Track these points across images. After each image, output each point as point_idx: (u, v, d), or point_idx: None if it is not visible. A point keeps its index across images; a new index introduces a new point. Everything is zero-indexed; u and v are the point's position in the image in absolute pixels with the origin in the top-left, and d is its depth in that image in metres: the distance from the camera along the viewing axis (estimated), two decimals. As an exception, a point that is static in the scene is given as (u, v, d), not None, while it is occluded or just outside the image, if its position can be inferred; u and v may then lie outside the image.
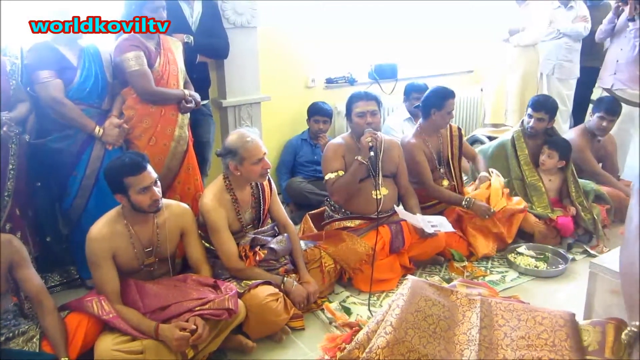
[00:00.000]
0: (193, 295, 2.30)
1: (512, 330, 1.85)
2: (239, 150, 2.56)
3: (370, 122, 2.99)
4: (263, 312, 2.39)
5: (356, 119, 3.02)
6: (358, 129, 3.02)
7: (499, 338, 1.85)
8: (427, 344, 1.87)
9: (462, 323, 1.92)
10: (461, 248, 3.26)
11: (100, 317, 2.15)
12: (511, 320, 1.88)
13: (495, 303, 1.96)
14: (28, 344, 2.07)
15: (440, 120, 3.37)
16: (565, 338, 1.77)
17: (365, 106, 3.01)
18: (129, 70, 2.79)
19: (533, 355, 1.76)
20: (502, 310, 1.93)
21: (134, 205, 2.28)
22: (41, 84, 2.66)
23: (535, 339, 1.80)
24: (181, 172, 3.04)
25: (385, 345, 1.86)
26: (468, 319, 1.93)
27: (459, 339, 1.89)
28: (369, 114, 3.00)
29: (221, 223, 2.57)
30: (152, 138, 2.90)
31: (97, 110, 2.82)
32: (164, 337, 2.13)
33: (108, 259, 2.27)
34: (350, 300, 2.85)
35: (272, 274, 2.62)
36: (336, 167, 3.04)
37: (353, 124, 3.07)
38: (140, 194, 2.25)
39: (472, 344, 1.83)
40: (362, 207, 3.08)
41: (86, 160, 2.80)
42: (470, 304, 1.97)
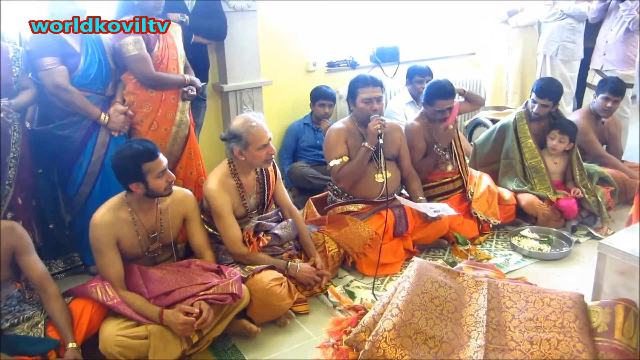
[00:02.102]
0: (197, 280, 2.30)
1: (519, 312, 1.85)
2: (243, 135, 2.54)
3: (376, 108, 2.96)
4: (267, 296, 2.39)
5: (362, 104, 2.97)
6: (363, 115, 2.99)
7: (507, 320, 1.84)
8: (434, 326, 1.87)
9: (469, 305, 1.92)
10: (465, 231, 3.25)
11: (104, 303, 2.16)
12: (519, 302, 1.88)
13: (502, 285, 1.96)
14: (33, 330, 2.08)
15: (431, 115, 3.31)
16: (574, 319, 1.76)
17: (372, 92, 2.97)
18: (128, 55, 2.76)
19: (541, 337, 1.75)
20: (509, 292, 1.92)
21: (151, 190, 2.27)
22: (45, 70, 2.63)
23: (544, 320, 1.79)
24: (183, 157, 3.03)
25: (392, 327, 1.86)
26: (475, 300, 1.92)
27: (466, 320, 1.89)
28: (375, 100, 2.96)
29: (226, 208, 2.56)
30: (154, 123, 2.88)
31: (101, 97, 2.80)
32: (168, 322, 2.13)
33: (112, 245, 2.27)
34: (354, 284, 2.85)
35: (277, 259, 2.62)
36: (340, 152, 3.01)
37: (357, 109, 3.02)
38: (159, 178, 2.26)
39: (480, 326, 1.83)
40: (365, 190, 3.07)
41: (92, 147, 2.79)
42: (477, 285, 1.97)
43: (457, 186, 3.42)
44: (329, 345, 2.22)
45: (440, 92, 3.24)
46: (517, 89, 4.94)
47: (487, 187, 3.40)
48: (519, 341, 1.77)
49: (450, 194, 3.40)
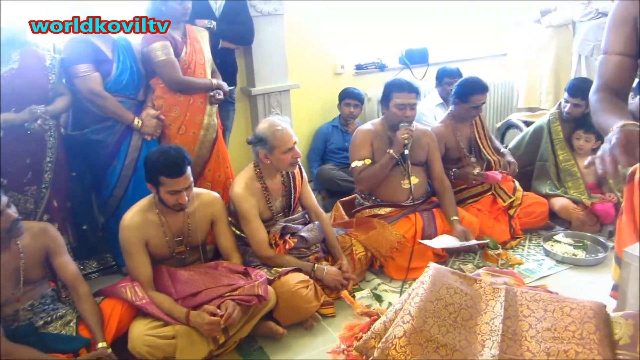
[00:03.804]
0: (223, 281, 2.33)
1: (537, 321, 1.78)
2: (269, 138, 2.55)
3: (408, 115, 2.92)
4: (293, 298, 2.40)
5: (394, 109, 2.93)
6: (394, 120, 2.95)
7: (524, 329, 1.78)
8: (447, 333, 1.82)
9: (485, 312, 1.87)
10: (496, 234, 3.19)
11: (133, 303, 2.20)
12: (537, 311, 1.81)
13: (520, 292, 1.89)
14: (65, 328, 2.14)
15: (465, 112, 3.27)
16: (594, 330, 1.69)
17: (407, 99, 2.92)
18: (156, 60, 2.82)
19: (559, 348, 1.69)
20: (527, 300, 1.86)
21: (160, 198, 2.32)
22: (80, 77, 2.70)
23: (562, 331, 1.73)
24: (211, 160, 3.07)
25: (402, 334, 1.83)
26: (491, 308, 1.87)
27: (481, 328, 1.83)
28: (408, 107, 2.92)
29: (252, 212, 2.58)
30: (182, 127, 2.93)
31: (134, 102, 2.87)
32: (195, 323, 2.16)
33: (141, 246, 2.31)
34: (382, 288, 2.83)
35: (303, 261, 2.62)
36: (363, 154, 3.00)
37: (389, 114, 2.98)
38: (168, 194, 2.28)
39: (495, 335, 1.77)
40: (391, 195, 3.05)
41: (125, 150, 2.85)
42: (495, 293, 1.91)
43: (485, 188, 3.35)
44: (339, 350, 2.21)
45: (475, 86, 3.21)
46: (551, 90, 4.83)
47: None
48: (535, 352, 1.70)
49: (479, 197, 3.34)
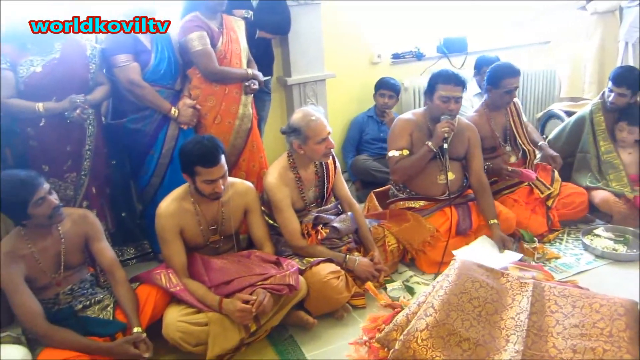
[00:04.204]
0: (255, 270, 2.35)
1: (565, 317, 1.73)
2: (303, 129, 2.55)
3: (452, 108, 2.84)
4: (324, 289, 2.40)
5: (438, 101, 2.85)
6: (437, 112, 2.88)
7: (550, 325, 1.73)
8: (470, 327, 1.79)
9: (510, 307, 1.83)
10: (533, 226, 3.11)
11: (168, 290, 2.26)
12: (565, 307, 1.76)
13: (549, 287, 1.85)
14: (103, 312, 2.21)
15: (498, 99, 3.19)
16: (624, 328, 1.63)
17: (452, 91, 2.83)
18: (192, 50, 2.85)
19: (586, 346, 1.64)
20: (555, 296, 1.81)
21: (196, 188, 2.35)
22: (120, 67, 2.75)
23: (590, 327, 1.67)
24: (246, 150, 3.09)
25: (425, 327, 1.81)
26: (518, 303, 1.83)
27: (506, 323, 1.80)
28: (453, 100, 2.83)
29: (285, 201, 2.59)
30: (218, 116, 2.96)
31: (171, 91, 2.91)
32: (227, 310, 2.19)
33: (176, 234, 2.36)
34: (414, 280, 2.81)
35: (335, 252, 2.62)
36: (402, 144, 2.95)
37: (432, 105, 2.90)
38: (205, 183, 2.31)
39: (520, 330, 1.74)
40: (426, 189, 3.00)
41: (162, 139, 2.90)
42: (522, 287, 1.87)
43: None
44: (361, 342, 2.20)
45: (507, 70, 3.15)
46: (595, 79, 4.66)
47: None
48: (561, 349, 1.65)
49: (515, 187, 3.26)
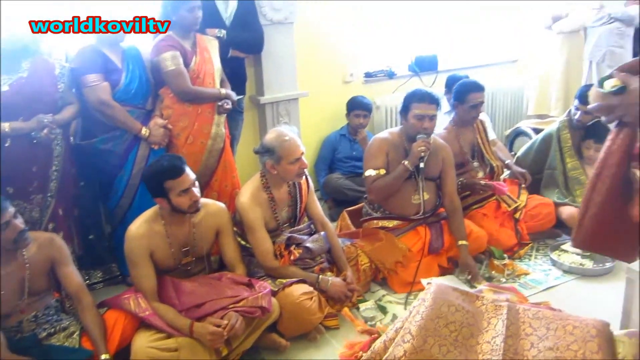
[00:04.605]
0: (227, 293, 2.32)
1: (539, 340, 1.76)
2: (276, 149, 2.55)
3: (427, 127, 2.87)
4: (297, 310, 2.38)
5: (413, 120, 2.88)
6: (412, 131, 2.90)
7: (525, 348, 1.75)
8: (447, 353, 1.80)
9: (486, 331, 1.85)
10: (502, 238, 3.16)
11: (137, 315, 2.20)
12: (539, 329, 1.78)
13: (523, 310, 1.87)
14: (68, 340, 2.15)
15: (465, 114, 3.27)
16: (596, 350, 1.66)
17: (426, 109, 2.86)
18: (165, 70, 2.82)
19: None
20: (529, 318, 1.83)
21: (174, 207, 2.31)
22: (90, 87, 2.71)
23: (565, 350, 1.70)
24: (218, 170, 3.06)
25: (402, 354, 1.81)
26: (493, 326, 1.84)
27: (482, 347, 1.81)
28: (427, 118, 2.86)
29: (257, 222, 2.57)
30: (190, 137, 2.93)
31: (142, 111, 2.87)
32: (198, 334, 2.15)
33: (145, 257, 2.31)
34: (387, 299, 2.81)
35: (308, 272, 2.61)
36: (378, 164, 2.95)
37: (408, 124, 2.92)
38: (181, 196, 2.28)
39: (496, 354, 1.75)
40: (401, 208, 3.01)
41: (132, 160, 2.86)
42: (497, 310, 1.89)
43: (489, 193, 3.30)
44: None
45: (471, 85, 3.26)
46: (561, 97, 4.79)
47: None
48: None
49: (484, 202, 3.32)
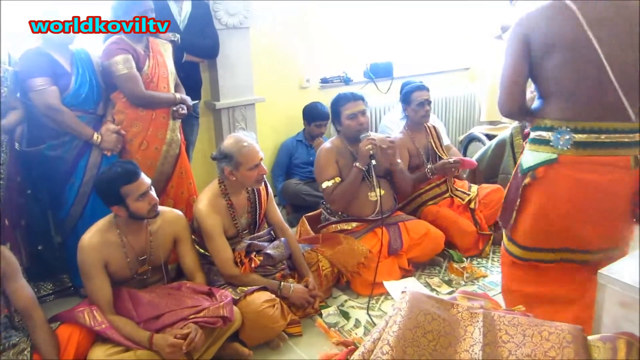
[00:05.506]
0: (187, 303, 2.26)
1: (517, 347, 1.77)
2: (234, 155, 2.51)
3: (362, 122, 2.97)
4: (259, 318, 2.34)
5: (347, 121, 2.98)
6: (350, 132, 2.99)
7: (503, 356, 1.76)
8: None
9: (463, 339, 1.85)
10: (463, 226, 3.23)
11: (92, 328, 2.11)
12: (516, 336, 1.80)
13: (498, 317, 1.88)
14: (19, 357, 2.03)
15: (414, 114, 3.39)
16: (573, 356, 1.69)
17: (355, 107, 2.98)
18: (117, 74, 2.74)
19: None
20: (505, 325, 1.85)
21: (133, 213, 2.24)
22: (37, 91, 2.59)
23: (542, 356, 1.72)
24: (174, 176, 2.99)
25: None
26: (470, 334, 1.85)
27: (461, 356, 1.81)
28: (359, 114, 2.97)
29: (216, 229, 2.52)
30: (144, 142, 2.85)
31: (93, 116, 2.77)
32: (157, 346, 2.09)
33: (100, 268, 2.22)
34: (349, 304, 2.80)
35: (269, 279, 2.58)
36: (331, 173, 3.00)
37: (344, 127, 3.02)
38: (139, 200, 2.22)
39: None
40: (359, 209, 3.05)
41: (83, 167, 2.75)
42: (472, 317, 1.90)
43: (442, 190, 3.43)
44: None
45: (414, 86, 3.42)
46: (512, 104, 4.93)
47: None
48: None
49: (438, 198, 3.41)
